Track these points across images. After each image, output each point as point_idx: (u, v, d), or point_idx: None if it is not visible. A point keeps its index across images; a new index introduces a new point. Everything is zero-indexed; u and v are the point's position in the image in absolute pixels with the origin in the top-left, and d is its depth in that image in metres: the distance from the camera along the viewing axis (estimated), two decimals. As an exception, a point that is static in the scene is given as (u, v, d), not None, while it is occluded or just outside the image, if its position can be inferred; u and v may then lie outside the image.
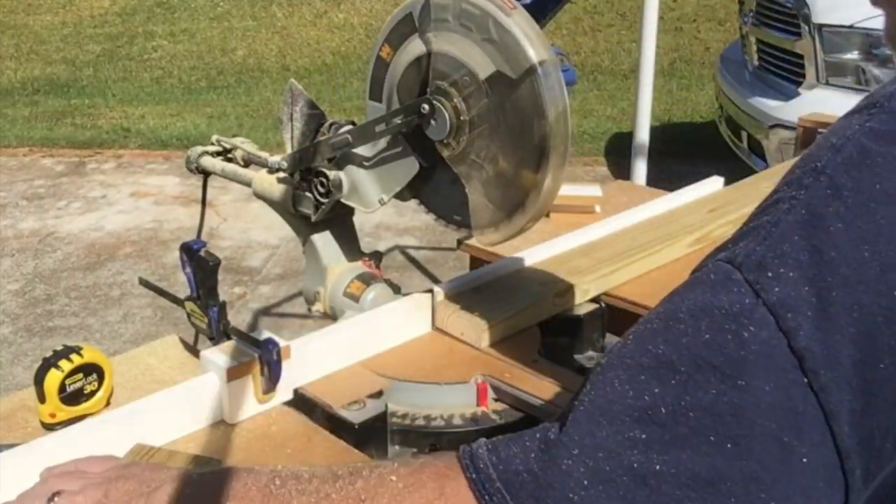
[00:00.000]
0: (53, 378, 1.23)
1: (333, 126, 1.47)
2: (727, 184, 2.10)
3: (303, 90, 1.50)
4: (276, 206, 1.59)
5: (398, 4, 1.34)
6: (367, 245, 1.62)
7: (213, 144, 1.72)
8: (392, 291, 1.56)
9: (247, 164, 1.68)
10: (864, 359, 0.57)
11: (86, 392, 1.27)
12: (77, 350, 1.27)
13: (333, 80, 8.42)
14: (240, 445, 1.20)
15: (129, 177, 6.14)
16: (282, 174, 1.53)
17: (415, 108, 1.33)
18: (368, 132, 1.40)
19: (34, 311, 4.30)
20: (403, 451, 1.24)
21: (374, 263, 1.62)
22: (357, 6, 10.06)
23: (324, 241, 1.57)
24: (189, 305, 1.45)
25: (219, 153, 1.71)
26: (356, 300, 1.53)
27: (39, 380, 1.24)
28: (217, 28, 10.03)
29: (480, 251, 1.77)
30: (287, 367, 1.27)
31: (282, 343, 1.26)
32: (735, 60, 5.21)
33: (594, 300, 1.57)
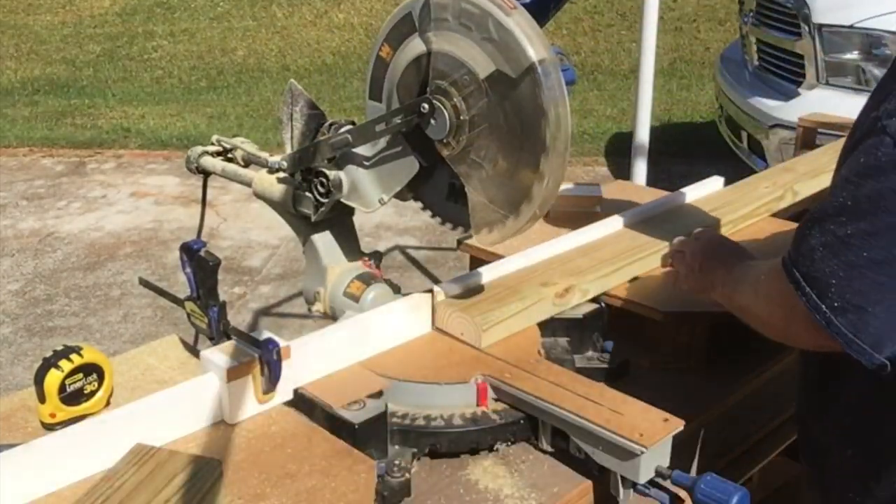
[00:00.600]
0: (53, 378, 1.23)
1: (333, 126, 1.47)
2: (727, 184, 2.10)
3: (303, 90, 1.50)
4: (276, 206, 1.59)
5: (398, 4, 1.34)
6: (367, 245, 1.62)
7: (213, 144, 1.72)
8: (392, 291, 1.56)
9: (247, 164, 1.68)
10: None
11: (86, 392, 1.27)
12: (77, 350, 1.27)
13: (333, 80, 8.42)
14: (240, 445, 1.20)
15: (129, 177, 6.14)
16: (282, 174, 1.53)
17: (414, 108, 1.33)
18: (368, 132, 1.40)
19: (34, 311, 4.30)
20: (403, 451, 1.24)
21: (374, 263, 1.62)
22: (357, 6, 10.06)
23: (324, 241, 1.57)
24: (189, 305, 1.45)
25: (219, 153, 1.71)
26: (356, 300, 1.53)
27: (39, 380, 1.24)
28: (217, 28, 10.04)
29: (480, 251, 1.77)
30: (287, 367, 1.27)
31: (282, 343, 1.26)
32: (735, 60, 5.21)
33: (594, 300, 1.57)
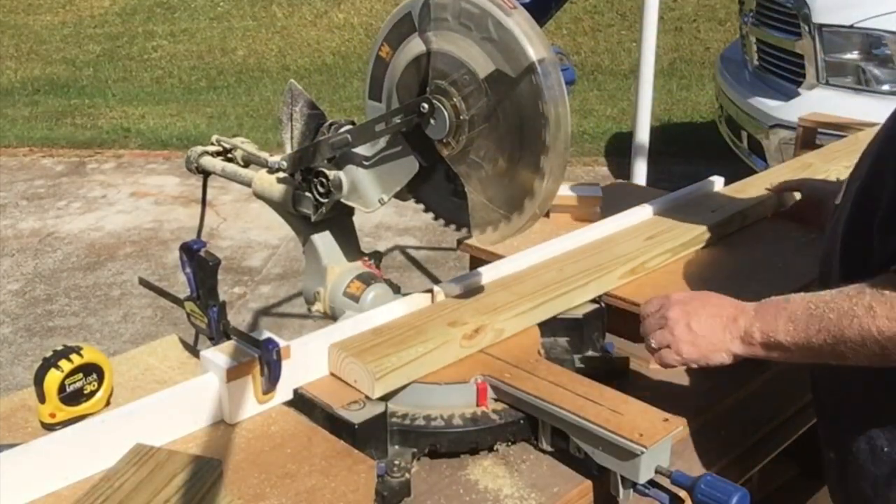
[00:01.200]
0: (53, 378, 1.23)
1: (333, 126, 1.47)
2: (727, 184, 2.10)
3: (303, 90, 1.50)
4: (276, 206, 1.59)
5: (398, 4, 1.34)
6: (367, 245, 1.62)
7: (213, 144, 1.72)
8: (392, 291, 1.56)
9: (247, 164, 1.68)
10: None
11: (86, 392, 1.27)
12: (77, 350, 1.27)
13: (333, 80, 8.42)
14: (240, 445, 1.20)
15: (129, 177, 6.14)
16: (282, 174, 1.53)
17: (414, 108, 1.33)
18: (368, 132, 1.40)
19: (34, 311, 4.30)
20: (403, 451, 1.24)
21: (374, 263, 1.62)
22: (357, 6, 10.06)
23: (324, 241, 1.57)
24: (189, 305, 1.45)
25: (219, 153, 1.71)
26: (356, 300, 1.53)
27: (39, 380, 1.24)
28: (217, 28, 10.04)
29: (480, 251, 1.77)
30: (287, 367, 1.27)
31: (282, 343, 1.26)
32: (735, 60, 5.21)
33: (594, 300, 1.57)
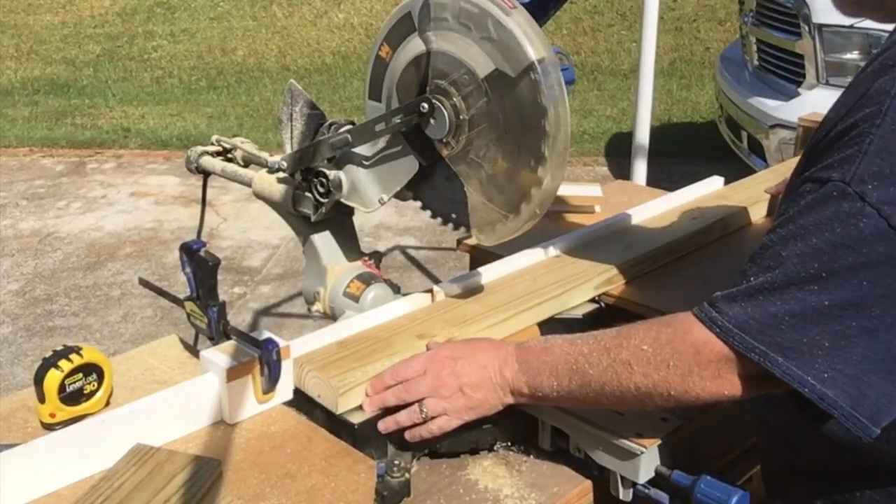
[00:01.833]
0: (53, 378, 1.23)
1: (333, 126, 1.47)
2: (727, 184, 2.10)
3: (303, 90, 1.50)
4: (276, 206, 1.59)
5: (398, 4, 1.34)
6: (367, 245, 1.62)
7: (213, 144, 1.72)
8: (392, 291, 1.56)
9: (247, 164, 1.68)
10: None
11: (86, 392, 1.27)
12: (77, 350, 1.26)
13: (333, 80, 8.42)
14: (240, 445, 1.20)
15: (129, 177, 6.14)
16: (282, 174, 1.53)
17: (414, 107, 1.33)
18: (368, 131, 1.40)
19: (34, 311, 4.30)
20: (403, 451, 1.24)
21: (374, 263, 1.61)
22: (357, 6, 10.06)
23: (324, 241, 1.57)
24: (189, 305, 1.45)
25: (219, 153, 1.71)
26: (356, 300, 1.53)
27: (39, 380, 1.23)
28: (217, 28, 10.04)
29: (480, 251, 1.77)
30: (287, 367, 1.27)
31: (282, 343, 1.26)
32: (735, 60, 5.21)
33: (594, 300, 1.57)
